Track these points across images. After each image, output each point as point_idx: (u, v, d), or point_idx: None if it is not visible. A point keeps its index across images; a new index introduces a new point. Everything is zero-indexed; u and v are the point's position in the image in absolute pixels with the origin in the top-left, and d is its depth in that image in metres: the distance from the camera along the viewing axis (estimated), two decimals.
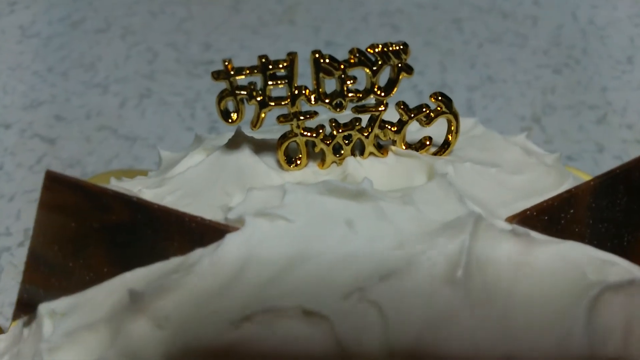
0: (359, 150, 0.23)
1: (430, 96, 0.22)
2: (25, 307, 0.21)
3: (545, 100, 0.54)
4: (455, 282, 0.18)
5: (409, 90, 0.54)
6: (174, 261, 0.20)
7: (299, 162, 0.23)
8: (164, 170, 0.26)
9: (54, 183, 0.19)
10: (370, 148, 0.23)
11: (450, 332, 0.17)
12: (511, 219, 0.20)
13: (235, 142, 0.24)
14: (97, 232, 0.20)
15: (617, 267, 0.19)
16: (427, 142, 0.23)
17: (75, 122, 0.53)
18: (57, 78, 0.59)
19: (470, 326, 0.17)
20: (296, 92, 0.22)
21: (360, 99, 0.22)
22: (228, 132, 0.27)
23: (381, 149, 0.23)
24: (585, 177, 0.41)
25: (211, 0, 0.68)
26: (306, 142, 0.23)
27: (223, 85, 0.22)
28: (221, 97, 0.22)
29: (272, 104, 0.22)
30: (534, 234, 0.20)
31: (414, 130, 0.24)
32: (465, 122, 0.25)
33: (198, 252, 0.20)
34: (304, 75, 0.23)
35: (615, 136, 0.50)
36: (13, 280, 0.42)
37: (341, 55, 0.22)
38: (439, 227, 0.19)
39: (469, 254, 0.18)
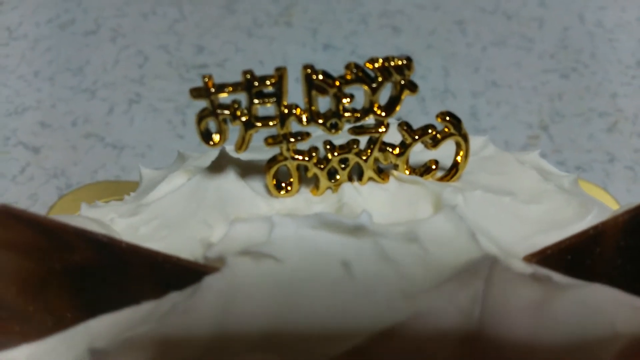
0: (357, 175, 0.21)
1: (437, 116, 0.20)
2: None
3: (552, 106, 0.52)
4: (469, 339, 0.15)
5: (409, 97, 0.52)
6: (145, 307, 0.17)
7: (289, 187, 0.21)
8: (142, 194, 0.23)
9: (10, 219, 0.17)
10: (369, 173, 0.21)
11: None
12: (529, 259, 0.18)
13: (219, 165, 0.21)
14: (58, 273, 0.17)
15: None
16: (433, 166, 0.21)
17: (60, 130, 0.51)
18: (43, 83, 0.56)
19: None
20: (286, 111, 0.19)
21: (358, 119, 0.20)
22: (213, 151, 0.25)
23: (381, 173, 0.21)
24: (598, 191, 0.39)
25: (204, 1, 0.65)
26: (298, 166, 0.20)
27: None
28: (201, 116, 0.19)
29: (259, 124, 0.19)
30: (556, 276, 0.17)
31: (418, 151, 0.21)
32: (474, 142, 0.22)
33: (172, 297, 0.17)
34: (298, 81, 0.20)
35: (626, 145, 0.48)
36: None
37: (340, 59, 0.20)
38: (449, 271, 0.16)
39: (484, 306, 0.15)
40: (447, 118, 0.20)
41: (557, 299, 0.16)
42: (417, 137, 0.20)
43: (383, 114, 0.19)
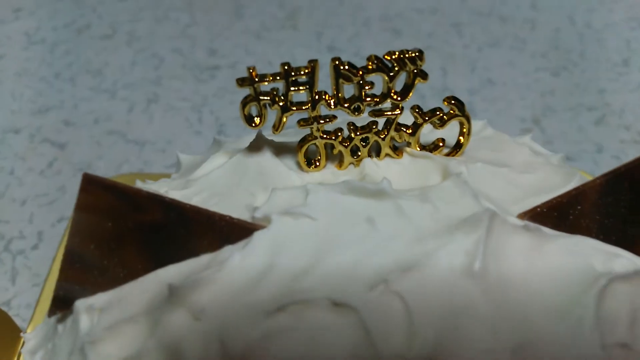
0: (376, 151, 0.25)
1: (444, 100, 0.24)
2: (61, 304, 0.22)
3: (544, 102, 0.56)
4: (473, 274, 0.19)
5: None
6: (205, 258, 0.21)
7: (318, 163, 0.24)
8: (186, 173, 0.27)
9: (91, 185, 0.21)
10: (386, 150, 0.24)
11: (470, 319, 0.18)
12: (523, 216, 0.21)
13: (257, 145, 0.25)
14: (131, 231, 0.21)
15: (623, 259, 0.20)
16: (441, 144, 0.25)
17: (84, 127, 0.55)
18: (64, 84, 0.60)
19: (487, 314, 0.19)
20: (317, 97, 0.23)
21: (377, 103, 0.23)
22: (246, 136, 0.28)
23: (396, 150, 0.25)
24: (588, 177, 0.43)
25: (213, 7, 0.69)
26: (325, 145, 0.24)
27: (233, 89, 0.23)
28: (245, 102, 0.23)
29: (294, 108, 0.23)
30: (545, 229, 0.21)
31: (427, 132, 0.25)
32: (474, 125, 0.26)
33: (228, 249, 0.21)
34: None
35: (613, 137, 0.52)
36: (28, 283, 0.43)
37: (344, 60, 0.24)
38: (456, 223, 0.20)
39: (485, 248, 0.19)
40: (452, 101, 0.24)
41: (546, 246, 0.20)
42: (427, 118, 0.24)
43: (399, 98, 0.23)
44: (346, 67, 0.22)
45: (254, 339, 0.18)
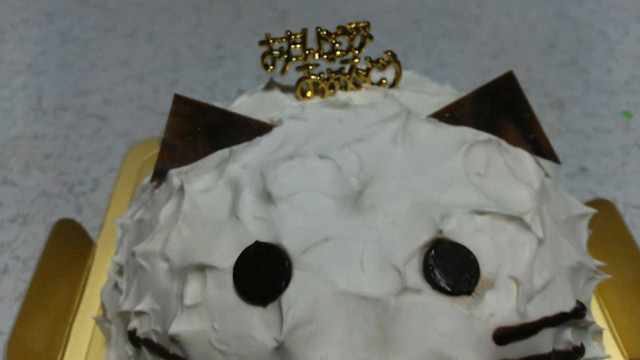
0: (344, 87, 0.41)
1: (384, 52, 0.41)
2: (159, 175, 0.38)
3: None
4: (396, 142, 0.36)
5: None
6: (244, 144, 0.37)
7: (308, 94, 0.41)
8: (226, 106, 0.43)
9: (178, 100, 0.37)
10: (350, 85, 0.41)
11: (391, 166, 0.35)
12: (428, 116, 0.38)
13: (270, 86, 0.42)
14: (202, 128, 0.38)
15: (484, 135, 0.37)
16: (384, 81, 0.42)
17: (120, 105, 0.71)
18: (99, 72, 0.76)
19: (404, 163, 0.35)
20: (307, 52, 0.40)
21: (344, 55, 0.40)
22: (260, 86, 0.45)
23: (357, 86, 0.41)
24: None
25: (217, 10, 0.86)
26: (313, 83, 0.41)
27: (238, 74, 0.40)
28: (263, 55, 0.40)
29: (294, 59, 0.40)
30: (441, 122, 0.38)
31: (375, 74, 0.42)
32: (407, 72, 0.43)
33: (257, 139, 0.37)
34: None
35: (535, 102, 0.69)
36: (91, 214, 0.59)
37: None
38: (389, 116, 0.37)
39: (404, 129, 0.36)
40: (390, 53, 0.40)
41: (441, 130, 0.37)
42: (374, 64, 0.41)
43: (357, 52, 0.40)
44: (324, 33, 0.39)
45: (277, 172, 0.34)
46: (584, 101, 0.71)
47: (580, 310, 0.33)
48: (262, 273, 0.31)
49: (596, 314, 0.47)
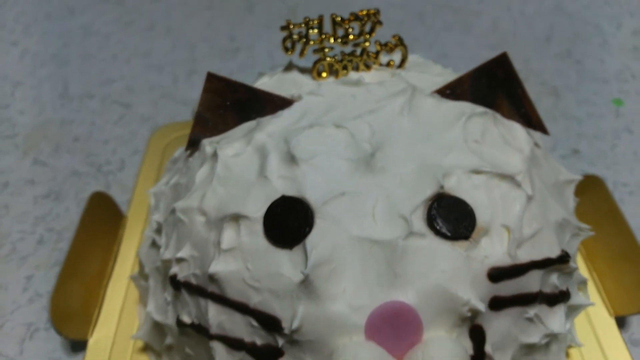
0: (356, 68, 0.47)
1: (392, 37, 0.46)
2: (192, 145, 0.44)
3: None
4: (403, 114, 0.41)
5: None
6: (267, 117, 0.43)
7: (324, 74, 0.46)
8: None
9: (211, 77, 0.42)
10: (362, 67, 0.47)
11: (402, 133, 0.40)
12: (432, 92, 0.44)
13: (289, 68, 0.47)
14: (231, 103, 0.43)
15: (481, 108, 0.42)
16: (392, 63, 0.47)
17: (142, 93, 0.77)
18: (121, 63, 0.82)
19: (410, 132, 0.40)
20: (323, 36, 0.45)
21: (356, 39, 0.45)
22: (279, 68, 0.50)
23: (368, 67, 0.47)
24: None
25: (230, 6, 0.91)
26: (328, 64, 0.46)
27: (252, 66, 0.45)
28: (284, 39, 0.45)
29: (312, 42, 0.45)
30: (443, 98, 0.43)
31: (383, 57, 0.47)
32: (413, 56, 0.49)
33: (280, 112, 0.43)
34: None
35: (532, 90, 0.74)
36: (119, 190, 0.64)
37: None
38: (397, 91, 0.42)
39: (410, 103, 0.41)
40: (397, 37, 0.46)
41: (443, 104, 0.42)
42: (383, 47, 0.46)
43: (367, 36, 0.45)
44: (339, 19, 0.44)
45: (299, 138, 0.39)
46: (577, 89, 0.76)
47: (564, 257, 0.38)
48: (288, 221, 0.36)
49: (585, 275, 0.52)
